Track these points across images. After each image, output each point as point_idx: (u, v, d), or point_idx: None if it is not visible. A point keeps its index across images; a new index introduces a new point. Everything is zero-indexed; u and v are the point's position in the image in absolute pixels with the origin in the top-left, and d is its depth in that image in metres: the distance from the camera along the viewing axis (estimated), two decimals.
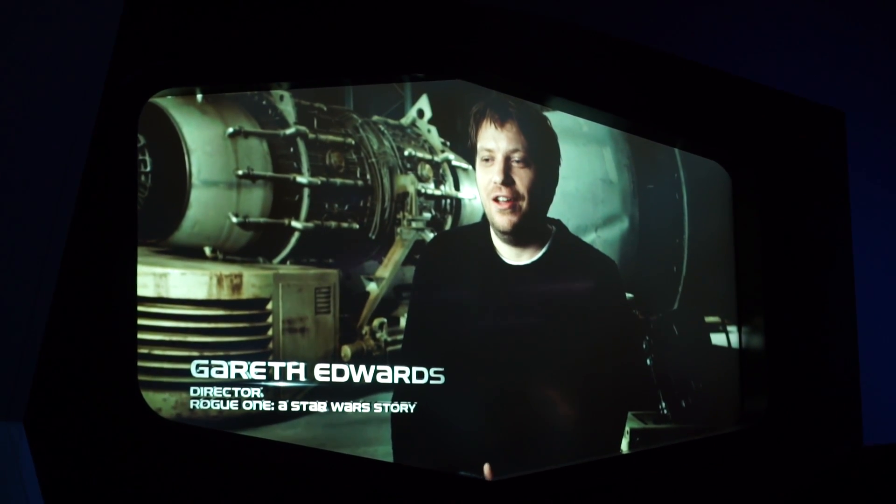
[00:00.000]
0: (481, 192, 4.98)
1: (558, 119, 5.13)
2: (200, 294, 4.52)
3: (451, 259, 4.95)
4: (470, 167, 5.00)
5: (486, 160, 4.97)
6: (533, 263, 5.03)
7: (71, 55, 4.21)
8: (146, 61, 4.33)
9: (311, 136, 4.74)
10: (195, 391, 4.45)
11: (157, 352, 4.41)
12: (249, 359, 4.55)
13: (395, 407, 4.73)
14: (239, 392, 4.51)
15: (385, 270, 4.83)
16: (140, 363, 4.32)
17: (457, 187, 5.00)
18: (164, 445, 4.29)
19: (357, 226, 4.80)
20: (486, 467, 4.85)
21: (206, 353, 4.49)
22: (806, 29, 5.81)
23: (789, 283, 5.46)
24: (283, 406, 4.56)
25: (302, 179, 4.70)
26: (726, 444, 5.32)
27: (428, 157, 4.97)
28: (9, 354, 4.00)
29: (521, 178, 4.97)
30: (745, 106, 5.51)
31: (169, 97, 4.48)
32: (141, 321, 4.34)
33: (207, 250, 4.57)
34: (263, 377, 4.55)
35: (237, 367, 4.52)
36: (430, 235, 4.93)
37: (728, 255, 5.46)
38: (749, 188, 5.45)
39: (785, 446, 5.38)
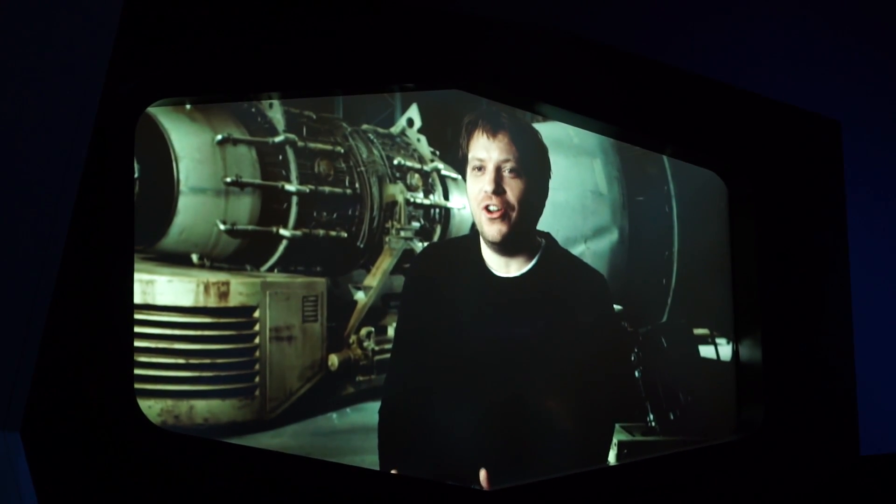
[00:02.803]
0: (471, 201, 4.96)
1: (548, 130, 5.11)
2: (187, 301, 4.51)
3: (440, 270, 4.93)
4: (459, 177, 4.99)
5: (477, 169, 4.95)
6: (522, 276, 5.01)
7: (67, 65, 4.21)
8: (143, 72, 4.32)
9: (300, 143, 4.73)
10: None
11: (143, 359, 4.40)
12: (236, 367, 4.55)
13: (384, 417, 4.73)
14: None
15: (373, 279, 4.82)
16: None
17: (446, 197, 4.99)
18: (162, 455, 4.27)
19: (345, 234, 4.79)
20: (483, 473, 4.84)
21: (192, 361, 4.49)
22: (802, 38, 5.78)
23: (786, 293, 5.44)
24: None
25: (290, 187, 4.69)
26: (723, 454, 5.31)
27: (417, 166, 4.96)
28: (5, 364, 3.99)
29: (512, 188, 4.95)
30: (741, 115, 5.49)
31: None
32: None
33: (195, 257, 4.57)
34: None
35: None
36: (418, 245, 4.92)
37: (723, 266, 5.44)
38: (745, 198, 5.43)
39: (781, 456, 5.36)
